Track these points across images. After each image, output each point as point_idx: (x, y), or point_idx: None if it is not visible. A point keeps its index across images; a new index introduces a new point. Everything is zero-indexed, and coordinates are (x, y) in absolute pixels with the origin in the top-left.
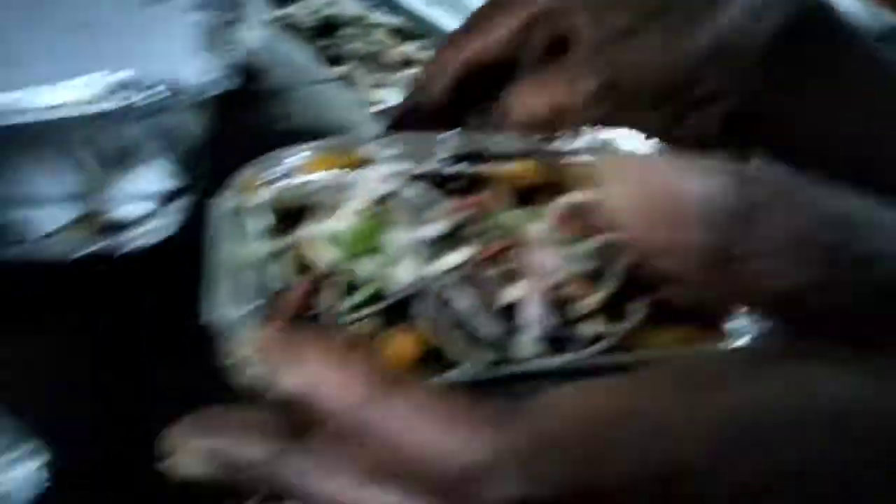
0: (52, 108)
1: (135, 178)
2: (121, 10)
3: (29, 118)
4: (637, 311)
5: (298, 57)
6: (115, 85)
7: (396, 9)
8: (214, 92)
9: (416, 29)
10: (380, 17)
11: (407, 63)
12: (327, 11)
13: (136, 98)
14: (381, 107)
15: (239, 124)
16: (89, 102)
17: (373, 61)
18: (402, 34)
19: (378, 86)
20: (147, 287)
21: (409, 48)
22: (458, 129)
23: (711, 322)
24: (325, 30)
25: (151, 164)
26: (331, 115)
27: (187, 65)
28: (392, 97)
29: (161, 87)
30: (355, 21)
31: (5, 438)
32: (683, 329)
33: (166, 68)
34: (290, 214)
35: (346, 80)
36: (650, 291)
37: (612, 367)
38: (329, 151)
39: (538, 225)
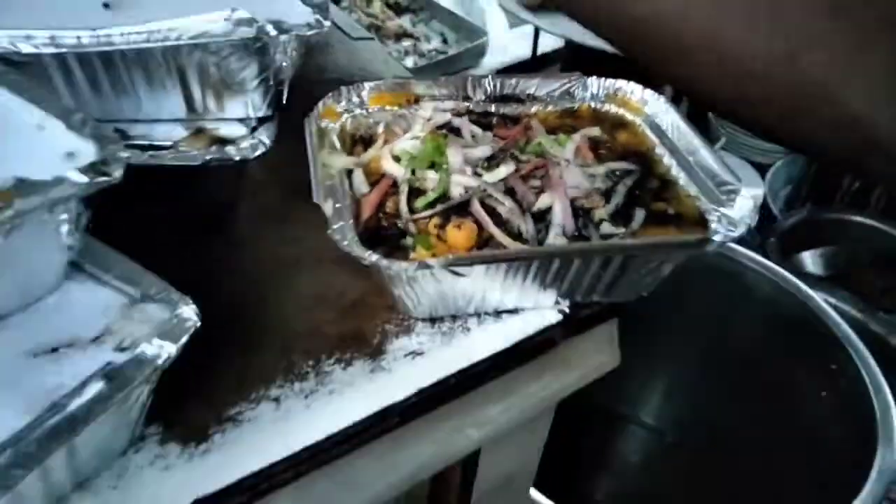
0: (180, 38)
1: (239, 103)
2: None
3: (159, 46)
4: (638, 217)
5: (338, 18)
6: (233, 21)
7: None
8: (313, 32)
9: (410, 3)
10: None
11: (403, 34)
12: None
13: (249, 34)
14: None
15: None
16: (209, 35)
17: (373, 31)
18: (398, 7)
19: None
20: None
21: (404, 21)
22: (491, 74)
23: (694, 226)
24: None
25: (251, 93)
26: (370, 65)
27: (286, 8)
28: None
29: (269, 26)
30: None
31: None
32: (673, 230)
33: (271, 10)
34: (363, 137)
35: None
36: (647, 204)
37: (620, 249)
38: (388, 89)
39: (563, 150)
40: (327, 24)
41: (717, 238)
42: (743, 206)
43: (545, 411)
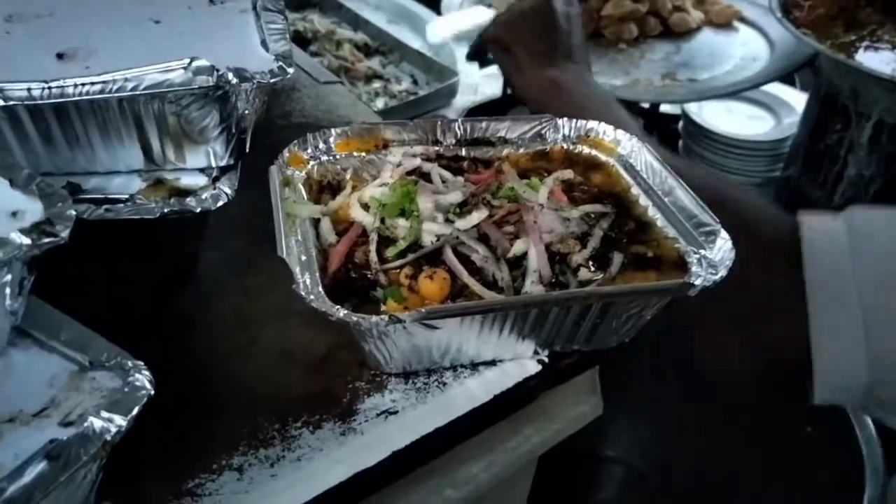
0: (136, 88)
1: (200, 153)
2: (186, 10)
3: (115, 96)
4: (617, 261)
5: (302, 60)
6: (192, 69)
7: (362, 25)
8: (275, 79)
9: (380, 45)
10: (347, 32)
11: (373, 76)
12: (300, 26)
13: (209, 82)
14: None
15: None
16: (168, 84)
17: (342, 73)
18: (367, 49)
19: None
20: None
21: (373, 62)
22: (461, 118)
23: (673, 270)
24: (297, 43)
25: (213, 143)
26: (337, 109)
27: (248, 57)
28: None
29: (230, 74)
30: (325, 36)
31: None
32: (653, 274)
33: (232, 57)
34: (330, 184)
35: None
36: (625, 247)
37: (599, 296)
38: (355, 134)
39: (536, 194)
40: (290, 70)
41: (698, 282)
42: (723, 247)
43: (527, 465)
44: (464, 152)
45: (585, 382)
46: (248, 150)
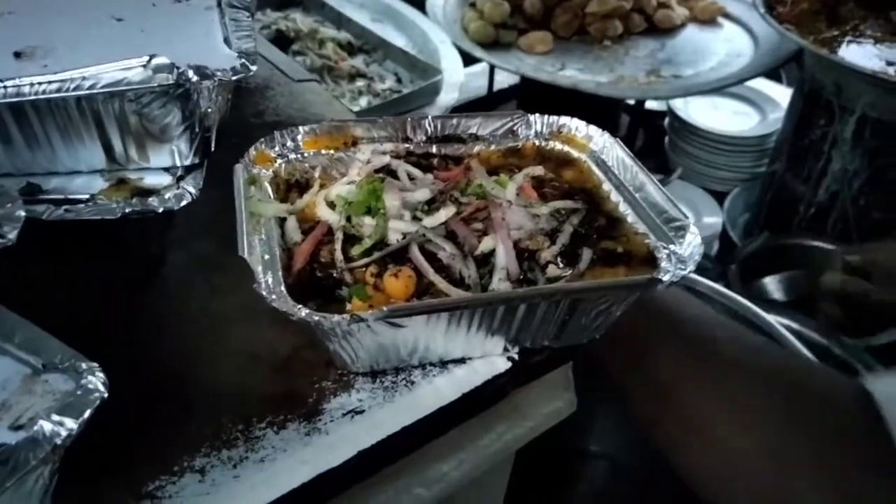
0: (94, 86)
1: (163, 152)
2: (149, 6)
3: (73, 95)
4: (586, 257)
5: (277, 59)
6: (151, 67)
7: (345, 24)
8: (237, 77)
9: (364, 44)
10: (330, 31)
11: (357, 75)
12: (282, 25)
13: (169, 80)
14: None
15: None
16: (127, 83)
17: (325, 72)
18: (351, 48)
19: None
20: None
21: (357, 61)
22: (430, 116)
23: (643, 265)
24: (279, 42)
25: (177, 141)
26: (311, 107)
27: (210, 54)
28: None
29: (191, 71)
30: (308, 35)
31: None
32: (622, 270)
33: (193, 55)
34: (298, 182)
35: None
36: (595, 243)
37: (566, 292)
38: (324, 132)
39: (505, 191)
40: (253, 68)
41: (665, 277)
42: (692, 242)
43: (501, 463)
44: (434, 149)
45: (558, 379)
46: (213, 149)
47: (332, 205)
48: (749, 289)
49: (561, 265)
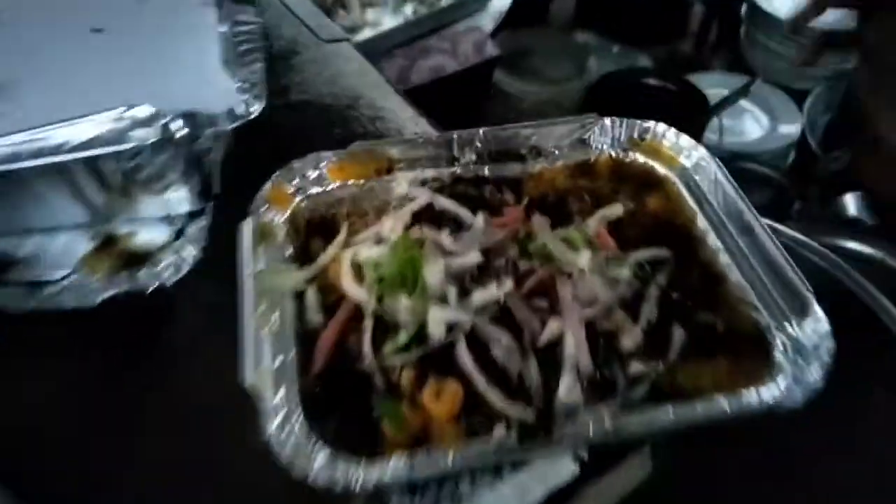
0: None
1: (154, 202)
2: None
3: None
4: (677, 341)
5: (304, 10)
6: (127, 121)
7: None
8: (236, 124)
9: None
10: None
11: None
12: None
13: (154, 133)
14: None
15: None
16: (100, 143)
17: None
18: None
19: (366, 4)
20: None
21: None
22: (485, 128)
23: (750, 354)
24: None
25: (172, 189)
26: (343, 81)
27: (204, 87)
28: (383, 18)
29: (178, 122)
30: None
31: None
32: (723, 363)
33: (183, 89)
34: (324, 221)
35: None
36: (688, 315)
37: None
38: (353, 157)
39: (578, 256)
40: (257, 108)
41: (780, 395)
42: (818, 329)
43: None
44: (487, 171)
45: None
46: (218, 189)
47: (358, 269)
48: (828, 209)
49: (645, 352)
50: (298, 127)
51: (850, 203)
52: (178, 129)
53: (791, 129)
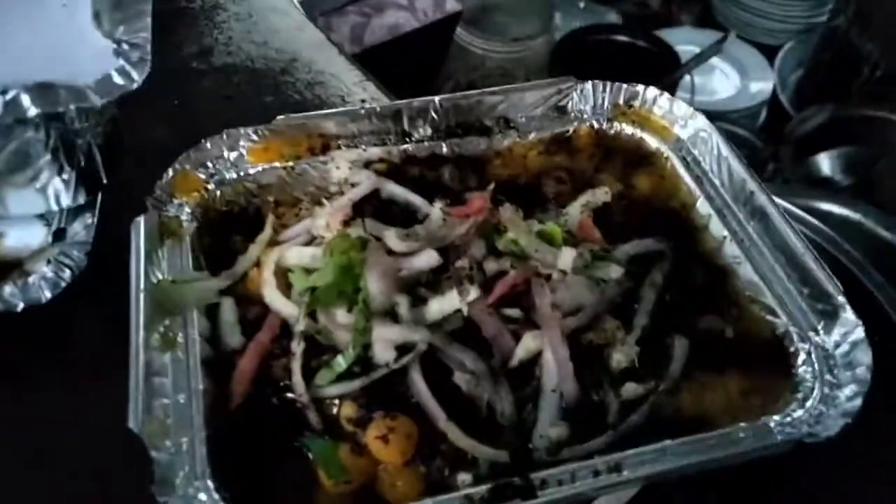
0: None
1: (26, 196)
2: None
3: None
4: (679, 353)
5: None
6: None
7: None
8: (109, 99)
9: None
10: None
11: None
12: None
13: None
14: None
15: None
16: None
17: None
18: None
19: None
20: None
21: None
22: (438, 97)
23: (766, 366)
24: None
25: (41, 180)
26: (277, 40)
27: (71, 49)
28: None
29: (26, 98)
30: None
31: None
32: (735, 379)
33: (47, 53)
34: (244, 213)
35: None
36: (691, 320)
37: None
38: (280, 133)
39: (555, 252)
40: (138, 76)
41: (807, 420)
42: (850, 336)
43: None
44: (445, 149)
45: None
46: (104, 181)
47: (286, 277)
48: (801, 167)
49: (641, 371)
50: (218, 97)
51: (824, 163)
52: (29, 106)
53: (763, 86)
